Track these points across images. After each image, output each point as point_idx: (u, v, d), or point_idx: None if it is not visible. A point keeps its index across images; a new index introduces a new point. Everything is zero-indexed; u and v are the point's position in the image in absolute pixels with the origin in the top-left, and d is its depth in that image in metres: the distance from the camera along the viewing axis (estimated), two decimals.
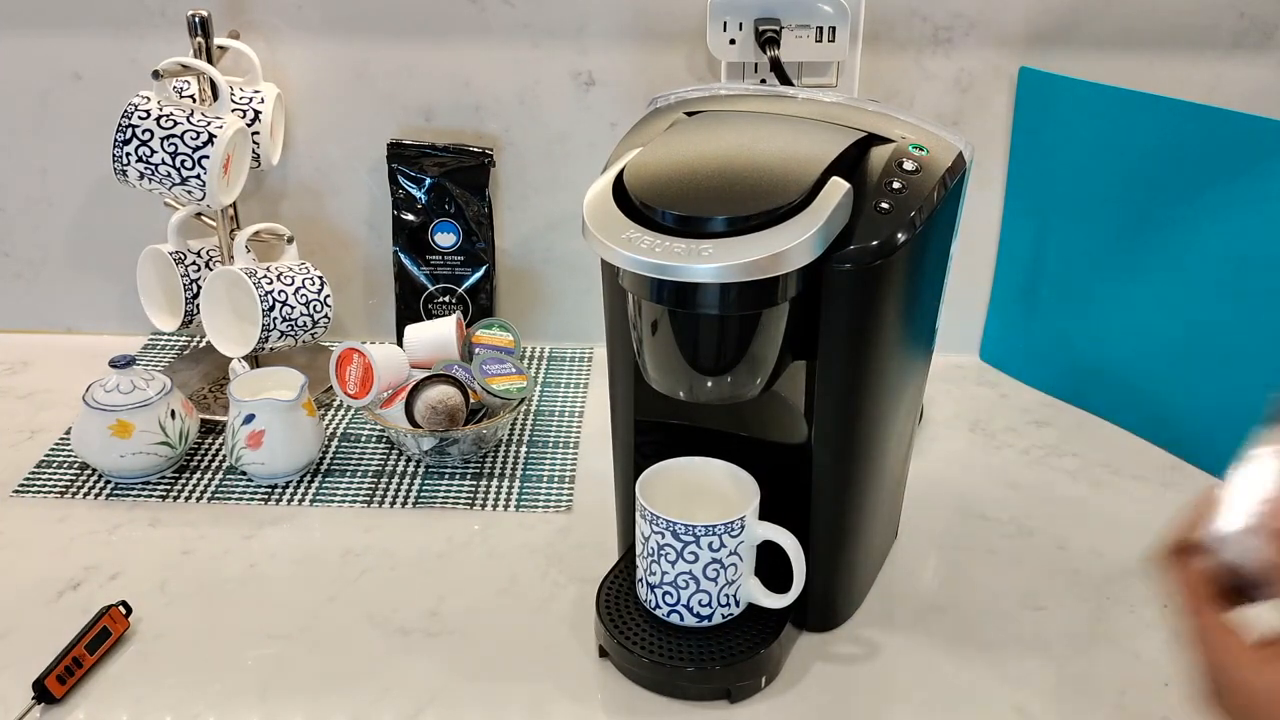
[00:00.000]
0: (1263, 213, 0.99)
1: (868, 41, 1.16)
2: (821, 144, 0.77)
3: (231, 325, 1.19)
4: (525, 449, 1.14)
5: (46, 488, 1.07)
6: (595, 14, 1.17)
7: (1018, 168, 1.20)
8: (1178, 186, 1.05)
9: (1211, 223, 1.03)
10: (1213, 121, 1.01)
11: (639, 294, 0.76)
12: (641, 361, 0.81)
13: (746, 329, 0.77)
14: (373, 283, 1.32)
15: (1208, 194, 1.03)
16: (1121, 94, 1.07)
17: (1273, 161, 0.97)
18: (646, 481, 0.84)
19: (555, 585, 0.95)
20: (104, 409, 1.03)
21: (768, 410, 0.87)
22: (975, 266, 1.26)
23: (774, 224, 0.70)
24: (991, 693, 0.84)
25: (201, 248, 1.21)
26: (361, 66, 1.21)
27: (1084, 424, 1.18)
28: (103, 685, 0.84)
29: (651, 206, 0.72)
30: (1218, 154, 1.01)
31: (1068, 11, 1.14)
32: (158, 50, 1.16)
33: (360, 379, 1.09)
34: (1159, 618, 0.91)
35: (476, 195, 1.24)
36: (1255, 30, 1.14)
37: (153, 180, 1.09)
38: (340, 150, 1.26)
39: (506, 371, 1.12)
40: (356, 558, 0.98)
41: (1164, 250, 1.08)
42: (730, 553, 0.82)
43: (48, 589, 0.94)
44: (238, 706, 0.83)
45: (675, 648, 0.83)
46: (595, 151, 1.22)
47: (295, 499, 1.06)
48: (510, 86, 1.21)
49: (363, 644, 0.89)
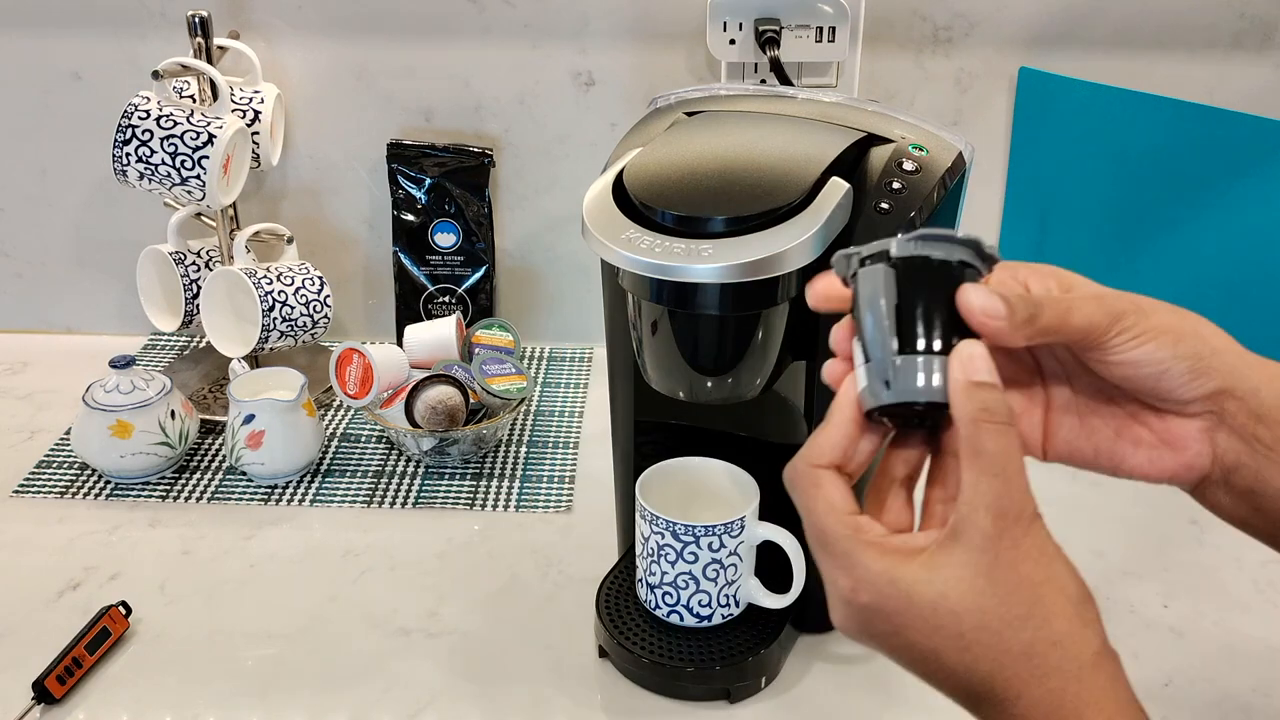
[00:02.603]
0: (1263, 213, 0.99)
1: (868, 41, 1.16)
2: (821, 144, 0.77)
3: (231, 325, 1.19)
4: (525, 449, 1.14)
5: (46, 488, 1.07)
6: (595, 14, 1.17)
7: (1018, 168, 1.20)
8: (1178, 186, 1.05)
9: (1211, 223, 1.03)
10: (1213, 121, 1.01)
11: (639, 294, 0.76)
12: (641, 362, 0.81)
13: (746, 329, 0.76)
14: (373, 283, 1.32)
15: (1208, 194, 1.03)
16: (1121, 94, 1.07)
17: (1273, 161, 0.97)
18: (646, 482, 0.84)
19: (555, 585, 0.95)
20: (104, 409, 1.03)
21: (768, 410, 0.87)
22: None
23: (774, 224, 0.70)
24: None
25: (201, 248, 1.21)
26: (361, 66, 1.21)
27: None
28: (103, 685, 0.84)
29: (651, 206, 0.72)
30: (1218, 154, 1.01)
31: (1068, 11, 1.14)
32: (158, 50, 1.17)
33: (360, 379, 1.09)
34: (1159, 618, 0.91)
35: (476, 195, 1.24)
36: (1255, 30, 1.14)
37: (153, 180, 1.09)
38: (340, 150, 1.26)
39: (506, 371, 1.12)
40: (356, 558, 0.98)
41: (1164, 250, 1.08)
42: (730, 553, 0.82)
43: (48, 589, 0.94)
44: (238, 706, 0.83)
45: (675, 648, 0.83)
46: (595, 151, 1.22)
47: (295, 499, 1.06)
48: (510, 86, 1.21)
49: (363, 644, 0.89)
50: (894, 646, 0.50)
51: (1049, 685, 0.48)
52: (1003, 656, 0.48)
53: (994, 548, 0.48)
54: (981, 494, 0.48)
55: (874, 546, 0.50)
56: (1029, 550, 0.48)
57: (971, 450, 0.48)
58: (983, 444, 0.48)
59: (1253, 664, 0.86)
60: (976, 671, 0.48)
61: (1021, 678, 0.48)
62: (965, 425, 0.49)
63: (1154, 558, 0.98)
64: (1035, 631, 0.48)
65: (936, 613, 0.48)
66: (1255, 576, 0.96)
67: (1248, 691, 0.84)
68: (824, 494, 0.51)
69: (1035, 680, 0.48)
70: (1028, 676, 0.48)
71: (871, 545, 0.50)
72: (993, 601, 0.48)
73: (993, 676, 0.48)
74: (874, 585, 0.49)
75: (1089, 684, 0.48)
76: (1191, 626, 0.90)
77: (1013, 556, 0.48)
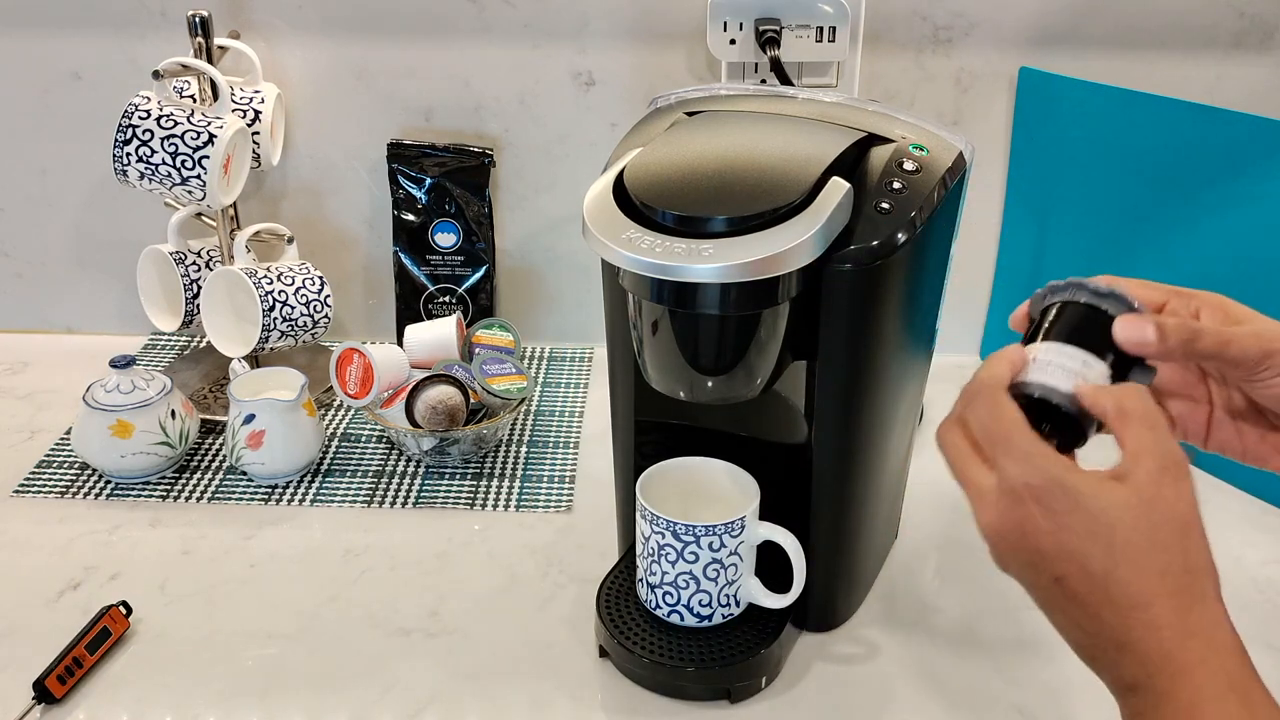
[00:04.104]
0: (1263, 213, 0.99)
1: (868, 41, 1.16)
2: (821, 144, 0.77)
3: (231, 325, 1.19)
4: (525, 449, 1.14)
5: (46, 488, 1.07)
6: (595, 14, 1.17)
7: (1018, 168, 1.20)
8: (1178, 186, 1.05)
9: (1211, 223, 1.03)
10: (1213, 121, 1.01)
11: (639, 294, 0.76)
12: (642, 362, 0.81)
13: (747, 329, 0.77)
14: (373, 283, 1.32)
15: (1208, 194, 1.03)
16: (1121, 94, 1.07)
17: (1273, 161, 0.97)
18: (646, 481, 0.84)
19: (555, 585, 0.95)
20: (104, 409, 1.03)
21: (768, 410, 0.87)
22: (975, 266, 1.26)
23: (774, 224, 0.70)
24: (991, 693, 0.84)
25: (201, 248, 1.21)
26: (361, 66, 1.21)
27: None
28: (103, 685, 0.84)
29: (652, 206, 0.72)
30: (1218, 154, 1.01)
31: (1068, 11, 1.14)
32: (158, 50, 1.17)
33: (360, 379, 1.09)
34: None
35: (476, 195, 1.24)
36: (1255, 30, 1.14)
37: (153, 180, 1.09)
38: (340, 150, 1.26)
39: (506, 371, 1.12)
40: (356, 558, 0.98)
41: (1164, 250, 1.08)
42: (730, 553, 0.82)
43: (48, 589, 0.94)
44: (238, 706, 0.83)
45: (675, 648, 0.83)
46: (595, 151, 1.22)
47: (295, 499, 1.06)
48: (510, 86, 1.21)
49: (363, 644, 0.89)
50: (1042, 546, 0.56)
51: (1178, 601, 0.54)
52: (1142, 570, 0.54)
53: (1156, 483, 0.55)
54: (1144, 444, 0.56)
55: (1053, 455, 0.57)
56: (1184, 492, 0.55)
57: (1118, 412, 0.57)
58: (1127, 404, 0.57)
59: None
60: (1115, 576, 0.54)
61: (1154, 590, 0.54)
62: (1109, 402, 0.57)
63: None
64: (1175, 557, 0.54)
65: (1097, 520, 0.55)
66: (1255, 576, 0.96)
67: None
68: (1007, 407, 0.58)
69: (1166, 595, 0.54)
70: (1160, 590, 0.54)
71: (1050, 453, 0.57)
72: (1146, 524, 0.54)
73: (1129, 583, 0.54)
74: (1047, 480, 0.56)
75: (1211, 612, 0.55)
76: None
77: (1172, 493, 0.55)
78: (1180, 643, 0.54)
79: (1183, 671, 0.54)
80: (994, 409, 0.58)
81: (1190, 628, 0.54)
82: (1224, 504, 1.05)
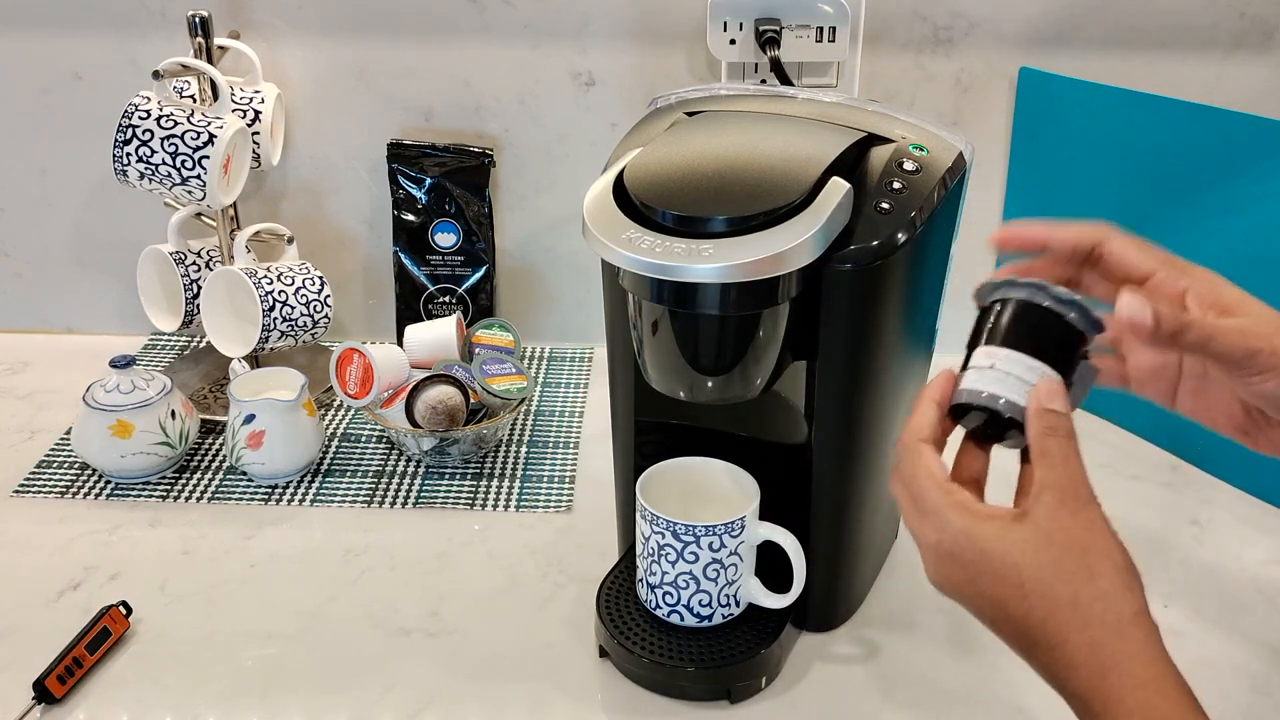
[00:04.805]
0: (1263, 213, 0.99)
1: (868, 41, 1.16)
2: (821, 144, 0.77)
3: (232, 325, 1.19)
4: (525, 449, 1.14)
5: (46, 488, 1.07)
6: (595, 14, 1.17)
7: (1018, 168, 1.20)
8: (1178, 186, 1.05)
9: (1212, 223, 1.03)
10: (1213, 121, 1.01)
11: (639, 294, 0.76)
12: (642, 362, 0.81)
13: (747, 329, 0.77)
14: (373, 283, 1.32)
15: (1208, 194, 1.03)
16: (1121, 94, 1.07)
17: (1273, 161, 0.97)
18: (646, 481, 0.84)
19: (555, 585, 0.95)
20: (104, 409, 1.03)
21: (768, 410, 0.87)
22: (975, 266, 1.25)
23: (774, 224, 0.70)
24: (991, 693, 0.84)
25: (201, 248, 1.21)
26: (361, 66, 1.21)
27: (1083, 423, 1.18)
28: (103, 685, 0.84)
29: (652, 206, 0.72)
30: (1218, 154, 1.01)
31: (1068, 11, 1.14)
32: (158, 50, 1.16)
33: (360, 379, 1.09)
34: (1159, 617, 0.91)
35: (476, 195, 1.24)
36: (1255, 30, 1.14)
37: (153, 180, 1.09)
38: (340, 150, 1.26)
39: (506, 371, 1.12)
40: (356, 558, 0.98)
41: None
42: (730, 553, 0.82)
43: (48, 589, 0.94)
44: (238, 706, 0.83)
45: (675, 648, 0.83)
46: (595, 151, 1.22)
47: (295, 499, 1.06)
48: (510, 86, 1.21)
49: (363, 644, 0.89)
50: (968, 594, 0.60)
51: (1090, 635, 0.56)
52: (1053, 604, 0.56)
53: (1054, 516, 0.58)
54: (1047, 480, 0.59)
55: (959, 507, 0.59)
56: (1083, 521, 0.58)
57: (1039, 452, 0.60)
58: (1047, 449, 0.60)
59: (1253, 664, 0.86)
60: (1031, 618, 0.57)
61: (1068, 625, 0.56)
62: (1034, 438, 0.60)
63: (1154, 558, 0.98)
64: (1082, 585, 0.56)
65: (1004, 565, 0.57)
66: (1255, 576, 0.96)
67: (1248, 691, 0.84)
68: (923, 461, 0.61)
69: (1078, 629, 0.56)
70: (1073, 624, 0.56)
71: (957, 505, 0.60)
72: (1048, 557, 0.57)
73: (1045, 623, 0.56)
74: (955, 538, 0.59)
75: (1127, 638, 0.56)
76: (1191, 626, 0.90)
77: (1069, 524, 0.58)
78: (1096, 683, 0.55)
79: (1104, 710, 0.55)
80: (912, 466, 0.61)
81: (1104, 665, 0.55)
82: (1224, 504, 1.05)
